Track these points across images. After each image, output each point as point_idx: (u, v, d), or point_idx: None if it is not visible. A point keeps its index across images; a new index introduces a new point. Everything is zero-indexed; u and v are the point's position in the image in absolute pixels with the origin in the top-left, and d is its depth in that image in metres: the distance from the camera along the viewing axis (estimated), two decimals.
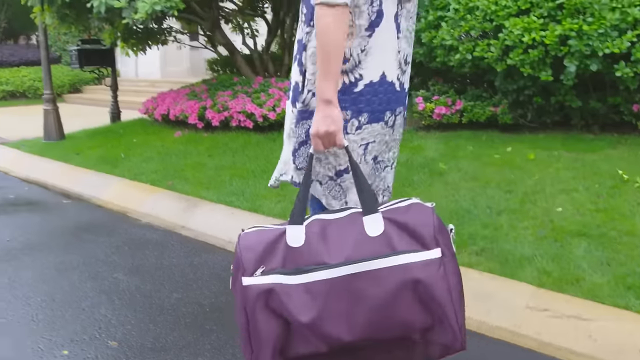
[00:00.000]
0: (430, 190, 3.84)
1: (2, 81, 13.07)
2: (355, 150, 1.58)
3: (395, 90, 1.62)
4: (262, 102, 5.56)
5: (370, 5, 1.51)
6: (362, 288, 1.35)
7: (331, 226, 1.43)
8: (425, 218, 1.41)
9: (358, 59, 1.54)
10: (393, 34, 1.57)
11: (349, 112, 1.55)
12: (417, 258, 1.36)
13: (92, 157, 5.74)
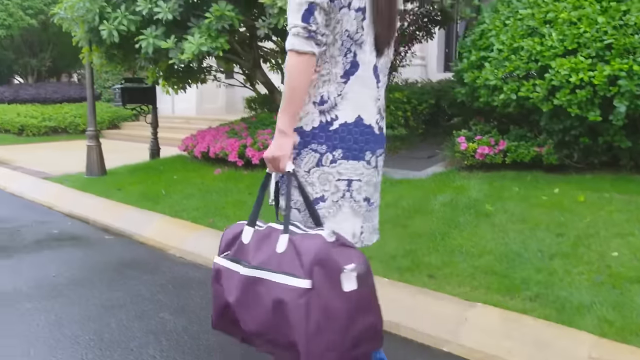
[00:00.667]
0: (477, 232, 3.75)
1: (46, 117, 13.46)
2: (332, 182, 1.77)
3: (374, 133, 1.83)
4: None
5: (344, 57, 1.73)
6: (260, 290, 1.62)
7: (270, 234, 1.68)
8: (310, 251, 1.56)
9: (335, 101, 1.74)
10: (372, 83, 1.80)
11: (324, 147, 1.75)
12: (288, 282, 1.56)
13: (134, 193, 5.81)
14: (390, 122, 6.17)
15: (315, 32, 1.62)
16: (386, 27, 1.79)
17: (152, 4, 4.69)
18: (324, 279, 1.54)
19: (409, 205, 4.42)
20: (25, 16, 13.62)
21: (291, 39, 1.64)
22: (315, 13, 1.62)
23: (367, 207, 1.86)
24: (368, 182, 1.84)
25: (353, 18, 1.70)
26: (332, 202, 1.78)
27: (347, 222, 1.81)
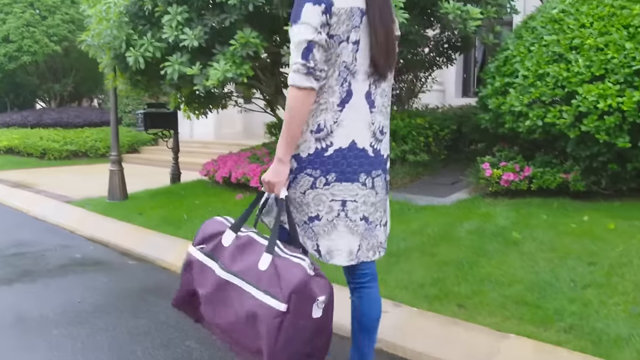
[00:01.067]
0: (505, 260, 3.69)
1: (67, 141, 13.63)
2: (326, 202, 1.92)
3: (368, 156, 1.95)
4: None
5: (341, 86, 1.85)
6: (231, 295, 1.80)
7: (251, 245, 1.86)
8: (291, 279, 1.73)
9: (330, 129, 1.88)
10: (365, 109, 1.91)
11: (318, 171, 1.90)
12: (265, 300, 1.73)
13: (155, 218, 5.82)
14: (412, 147, 6.14)
15: (314, 69, 1.75)
16: (384, 55, 1.90)
17: (178, 31, 4.74)
18: (298, 306, 1.72)
19: (435, 232, 4.37)
20: (50, 42, 13.90)
21: (292, 75, 1.78)
22: (314, 50, 1.75)
23: (365, 226, 1.98)
24: (365, 202, 1.96)
25: (350, 50, 1.83)
26: (327, 221, 1.93)
27: (343, 240, 1.95)
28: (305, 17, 1.75)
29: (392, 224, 4.71)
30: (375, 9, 1.85)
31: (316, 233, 1.94)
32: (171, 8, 4.79)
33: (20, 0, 13.83)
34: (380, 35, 1.87)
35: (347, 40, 1.82)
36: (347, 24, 1.80)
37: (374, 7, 1.85)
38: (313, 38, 1.74)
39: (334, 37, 1.80)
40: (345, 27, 1.80)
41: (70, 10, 14.34)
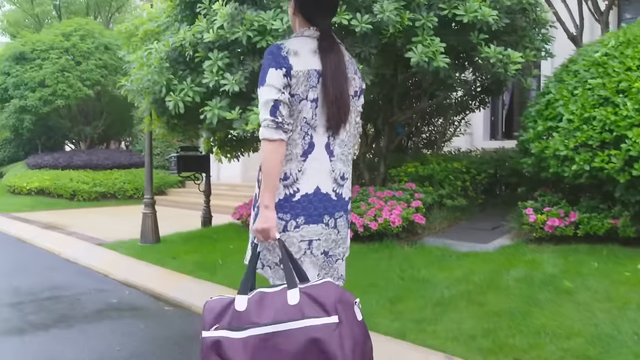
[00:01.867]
0: (560, 311, 3.52)
1: (97, 183, 13.79)
2: (296, 244, 2.10)
3: (331, 199, 2.15)
4: (362, 211, 5.49)
5: (303, 139, 2.07)
6: (279, 343, 1.78)
7: (267, 296, 1.89)
8: (329, 292, 1.84)
9: (296, 177, 2.09)
10: (326, 159, 2.12)
11: (288, 215, 2.09)
12: (319, 322, 1.79)
13: (189, 262, 5.75)
14: (449, 192, 6.05)
15: (281, 123, 1.98)
16: (337, 112, 2.10)
17: (218, 76, 4.78)
18: (345, 313, 1.83)
19: (481, 280, 4.22)
20: (83, 87, 14.24)
21: (262, 130, 1.99)
22: (280, 107, 1.98)
23: (324, 259, 2.20)
24: (327, 239, 2.18)
25: (309, 107, 2.06)
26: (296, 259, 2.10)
27: (309, 274, 2.10)
28: (269, 80, 2.00)
29: (434, 270, 4.64)
30: (327, 71, 2.07)
31: None
32: (212, 54, 4.84)
33: (56, 47, 14.27)
34: (332, 94, 2.07)
35: (306, 98, 2.06)
36: (305, 85, 2.04)
37: (326, 69, 2.07)
38: (278, 97, 1.98)
39: (295, 96, 2.04)
40: (303, 87, 2.04)
41: (103, 55, 14.74)
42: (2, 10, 18.12)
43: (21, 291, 5.27)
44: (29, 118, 14.29)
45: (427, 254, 5.08)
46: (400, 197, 5.65)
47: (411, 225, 5.47)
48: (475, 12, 4.67)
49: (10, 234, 9.70)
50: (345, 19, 4.44)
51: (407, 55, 4.62)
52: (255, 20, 4.65)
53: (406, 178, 6.13)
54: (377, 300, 4.10)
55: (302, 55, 2.06)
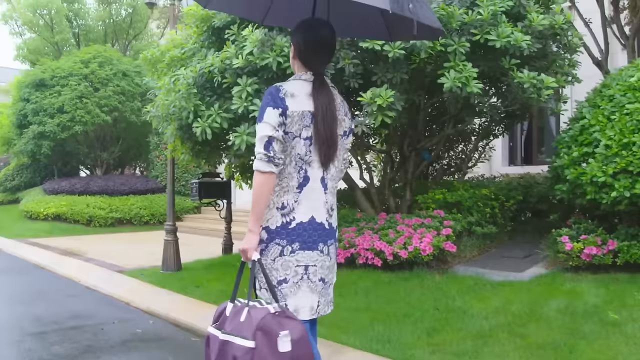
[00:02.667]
0: (609, 344, 3.37)
1: (113, 208, 13.77)
2: (292, 267, 2.27)
3: (325, 229, 2.32)
4: (391, 239, 5.37)
5: (298, 173, 2.26)
6: (227, 350, 2.06)
7: (241, 309, 2.11)
8: (256, 318, 2.03)
9: (292, 207, 2.26)
10: (321, 192, 2.30)
11: (285, 241, 2.25)
12: (241, 342, 2.02)
13: (213, 291, 5.64)
14: (477, 219, 5.92)
15: (273, 157, 2.16)
16: (326, 149, 2.28)
17: (247, 102, 4.73)
18: (264, 341, 1.99)
19: (520, 311, 4.08)
20: (101, 113, 14.32)
21: (256, 162, 2.18)
22: (273, 143, 2.15)
23: (322, 286, 2.35)
24: (322, 266, 2.33)
25: (302, 145, 2.24)
26: (293, 283, 2.27)
27: (306, 299, 2.30)
28: (266, 118, 2.18)
29: (469, 300, 4.50)
30: (319, 113, 2.25)
31: (284, 294, 2.27)
32: (241, 80, 4.80)
33: (75, 74, 14.40)
34: (323, 134, 2.26)
35: (299, 136, 2.23)
36: (299, 124, 2.22)
37: (318, 111, 2.25)
38: (272, 134, 2.15)
39: (289, 134, 2.21)
40: (297, 126, 2.22)
41: (121, 82, 14.84)
42: (22, 38, 18.37)
43: (43, 320, 5.17)
44: (47, 144, 14.35)
45: (460, 283, 4.94)
46: (429, 224, 5.54)
47: (441, 254, 5.34)
48: (508, 37, 4.61)
49: (28, 260, 9.64)
50: (378, 45, 4.39)
51: (440, 81, 4.55)
52: (285, 46, 4.62)
53: (434, 205, 6.02)
54: (413, 331, 3.97)
55: (297, 97, 2.24)
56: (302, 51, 2.35)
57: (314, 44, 2.34)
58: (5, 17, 17.75)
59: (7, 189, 17.89)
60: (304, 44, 2.35)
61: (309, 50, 2.34)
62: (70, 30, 18.27)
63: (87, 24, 18.89)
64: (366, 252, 5.44)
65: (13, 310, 5.58)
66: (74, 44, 18.42)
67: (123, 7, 18.66)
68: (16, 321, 5.13)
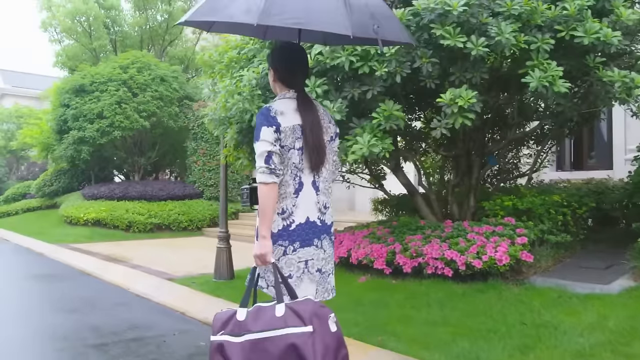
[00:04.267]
0: None
1: (152, 214, 13.70)
2: (295, 264, 2.53)
3: (317, 226, 2.59)
4: (462, 248, 5.08)
5: (294, 180, 2.52)
6: (267, 346, 2.20)
7: (262, 309, 2.29)
8: (307, 307, 2.24)
9: (291, 210, 2.52)
10: (313, 194, 2.57)
11: (287, 242, 2.51)
12: (297, 330, 2.19)
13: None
14: (549, 227, 5.59)
15: (274, 169, 2.42)
16: (315, 157, 2.55)
17: None
18: (319, 324, 2.22)
19: (619, 327, 3.76)
20: (139, 118, 14.29)
21: (259, 176, 2.43)
22: (273, 157, 2.42)
23: (319, 276, 2.63)
24: (318, 258, 2.61)
25: (296, 154, 2.51)
26: (296, 278, 2.54)
27: (308, 289, 2.57)
28: (263, 136, 2.44)
29: (557, 314, 4.19)
30: (306, 125, 2.54)
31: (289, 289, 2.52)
32: (309, 80, 4.58)
33: (114, 79, 14.40)
34: (312, 143, 2.53)
35: (293, 147, 2.51)
36: (292, 137, 2.50)
37: (305, 123, 2.54)
38: (271, 149, 2.42)
39: (284, 147, 2.49)
40: (291, 139, 2.49)
41: (159, 87, 14.80)
42: (61, 45, 18.52)
43: (101, 330, 5.00)
44: (87, 149, 14.37)
45: (541, 295, 4.63)
46: (501, 232, 5.23)
47: (516, 264, 5.03)
48: (597, 34, 4.30)
49: (72, 265, 9.58)
50: (460, 42, 4.13)
51: (525, 81, 4.26)
52: (357, 45, 4.38)
53: (502, 212, 5.71)
54: (504, 348, 3.68)
55: (287, 114, 2.52)
56: (281, 74, 2.66)
57: (290, 67, 2.65)
58: (45, 25, 17.92)
59: (45, 194, 18.03)
60: (281, 68, 2.66)
61: (287, 72, 2.65)
62: (108, 36, 18.37)
63: (124, 30, 18.99)
64: (435, 261, 5.16)
65: (68, 319, 5.43)
66: (110, 50, 18.52)
67: (159, 13, 18.70)
68: (74, 331, 4.97)
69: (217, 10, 2.51)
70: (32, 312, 5.86)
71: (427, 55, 4.38)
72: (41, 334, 4.92)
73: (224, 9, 2.48)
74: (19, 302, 6.44)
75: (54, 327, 5.12)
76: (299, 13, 2.39)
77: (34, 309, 6.04)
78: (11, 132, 33.43)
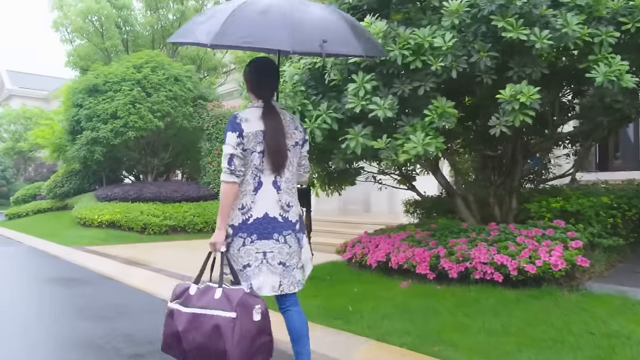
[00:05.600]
0: None
1: (167, 216, 13.49)
2: (253, 254, 2.89)
3: (278, 221, 2.92)
4: (513, 252, 4.84)
5: (254, 179, 2.89)
6: (202, 321, 2.75)
7: (208, 289, 2.82)
8: (236, 297, 2.72)
9: (250, 206, 2.89)
10: (274, 192, 2.91)
11: (245, 234, 2.89)
12: (222, 314, 2.70)
13: (312, 308, 5.15)
14: (598, 230, 5.34)
15: (234, 170, 2.81)
16: (275, 160, 2.86)
17: (365, 100, 4.27)
18: (242, 312, 2.67)
19: None
20: (154, 119, 14.08)
21: (222, 175, 2.85)
22: (234, 159, 2.81)
23: (282, 269, 2.90)
24: (280, 252, 2.89)
25: (257, 157, 2.86)
26: (255, 267, 2.86)
27: (267, 279, 2.88)
28: (228, 140, 2.83)
29: (627, 324, 3.93)
30: (268, 131, 2.86)
31: (249, 276, 2.88)
32: (356, 76, 4.35)
33: (128, 79, 14.20)
34: (271, 148, 2.85)
35: (255, 150, 2.85)
36: (254, 142, 2.83)
37: (267, 129, 2.86)
38: (233, 152, 2.80)
39: (247, 150, 2.84)
40: (253, 143, 2.83)
41: (173, 87, 14.59)
42: (73, 45, 18.32)
43: (136, 340, 4.77)
44: (100, 150, 14.16)
45: (603, 302, 4.39)
46: (552, 236, 4.99)
47: (571, 269, 4.79)
48: None
49: (91, 269, 9.36)
50: (524, 34, 3.89)
51: (589, 76, 4.02)
52: (410, 38, 4.14)
53: (549, 214, 5.47)
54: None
55: (251, 121, 2.88)
56: (251, 86, 3.04)
57: (258, 80, 3.02)
58: (57, 25, 17.73)
59: (56, 195, 17.82)
60: (251, 81, 3.04)
61: (256, 85, 3.02)
62: (119, 36, 18.17)
63: (135, 30, 18.79)
64: (484, 266, 4.92)
65: (97, 326, 5.20)
66: (122, 49, 18.31)
67: (171, 12, 18.50)
68: (107, 340, 4.74)
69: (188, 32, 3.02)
70: (59, 318, 5.63)
71: (485, 49, 4.14)
72: (72, 343, 4.69)
73: (193, 32, 2.96)
74: (42, 307, 6.22)
75: (85, 335, 4.89)
76: (248, 32, 2.77)
77: (60, 314, 5.82)
78: (19, 133, 33.37)
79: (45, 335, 4.96)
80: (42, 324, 5.37)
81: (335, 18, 2.99)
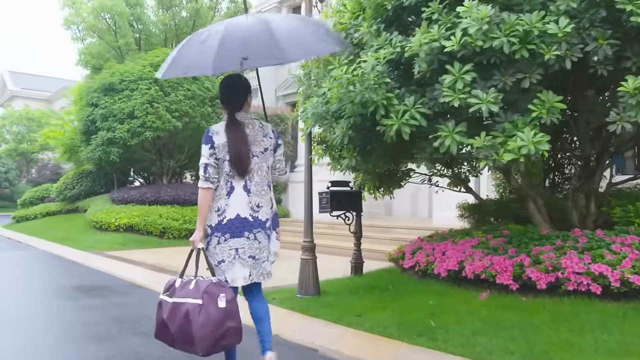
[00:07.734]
0: None
1: (186, 219, 13.05)
2: (227, 251, 3.27)
3: (249, 221, 3.30)
4: (612, 262, 4.40)
5: (226, 184, 3.29)
6: (180, 309, 3.07)
7: (188, 282, 3.16)
8: (203, 285, 3.07)
9: (224, 209, 3.28)
10: (244, 195, 3.30)
11: (220, 233, 3.27)
12: (192, 301, 3.04)
13: (383, 322, 4.71)
14: None
15: (209, 177, 3.25)
16: (238, 167, 3.27)
17: (465, 94, 3.82)
18: (208, 300, 3.02)
19: None
20: (172, 119, 13.62)
21: (199, 182, 3.30)
22: (209, 168, 3.25)
23: (252, 262, 3.31)
24: (250, 247, 3.29)
25: (227, 165, 3.26)
26: (228, 262, 3.28)
27: (239, 271, 3.29)
28: (203, 151, 3.26)
29: None
30: (230, 142, 3.25)
31: (223, 270, 3.29)
32: (451, 67, 3.90)
33: (145, 77, 13.74)
34: (232, 157, 3.25)
35: (225, 159, 3.25)
36: (223, 152, 3.24)
37: (229, 141, 3.25)
38: (207, 162, 3.24)
39: (219, 159, 3.25)
40: (222, 153, 3.24)
41: (192, 86, 14.14)
42: (84, 44, 17.84)
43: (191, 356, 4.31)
44: (116, 150, 13.70)
45: None
46: None
47: None
48: None
49: (117, 276, 8.91)
50: None
51: None
52: (518, 25, 3.70)
53: (637, 220, 5.04)
54: None
55: (220, 133, 3.25)
56: (221, 101, 3.42)
57: (224, 96, 3.39)
58: (68, 22, 17.27)
59: (66, 197, 17.35)
60: (221, 97, 3.41)
61: (223, 101, 3.40)
62: (133, 34, 17.71)
63: (148, 28, 18.33)
64: (578, 276, 4.47)
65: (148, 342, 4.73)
66: (135, 48, 17.85)
67: (184, 10, 18.05)
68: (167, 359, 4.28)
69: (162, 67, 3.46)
70: (103, 332, 5.16)
71: (605, 36, 3.71)
72: None
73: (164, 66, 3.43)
74: (79, 320, 5.74)
75: (140, 353, 4.44)
76: (188, 62, 3.37)
77: (102, 328, 5.34)
78: (22, 134, 32.85)
79: (94, 351, 4.49)
80: (88, 338, 4.90)
81: (260, 29, 3.25)
